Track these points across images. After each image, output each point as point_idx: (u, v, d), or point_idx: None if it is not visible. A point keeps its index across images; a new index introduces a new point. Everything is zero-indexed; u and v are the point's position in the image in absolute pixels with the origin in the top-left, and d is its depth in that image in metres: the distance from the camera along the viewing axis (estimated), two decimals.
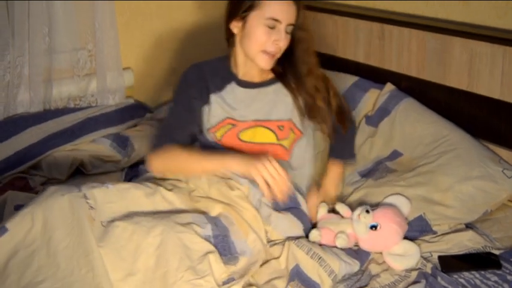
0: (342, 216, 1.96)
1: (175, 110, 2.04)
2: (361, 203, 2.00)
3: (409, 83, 2.38)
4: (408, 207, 1.95)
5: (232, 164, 1.84)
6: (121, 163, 2.51)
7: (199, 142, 2.06)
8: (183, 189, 1.91)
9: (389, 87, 2.40)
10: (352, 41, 2.62)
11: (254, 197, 1.86)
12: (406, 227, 1.89)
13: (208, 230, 1.72)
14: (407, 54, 2.36)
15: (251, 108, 2.01)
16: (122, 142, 2.57)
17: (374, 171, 2.17)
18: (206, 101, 2.01)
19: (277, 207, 1.90)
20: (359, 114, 2.42)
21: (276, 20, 1.89)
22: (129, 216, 1.72)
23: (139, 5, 2.89)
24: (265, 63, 1.94)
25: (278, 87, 2.05)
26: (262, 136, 2.00)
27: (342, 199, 2.12)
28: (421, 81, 2.33)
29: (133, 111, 2.80)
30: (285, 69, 2.03)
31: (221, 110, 2.00)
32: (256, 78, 2.04)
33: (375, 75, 2.50)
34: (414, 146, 2.16)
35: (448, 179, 1.98)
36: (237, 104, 2.01)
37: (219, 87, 2.02)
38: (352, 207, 1.97)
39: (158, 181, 1.95)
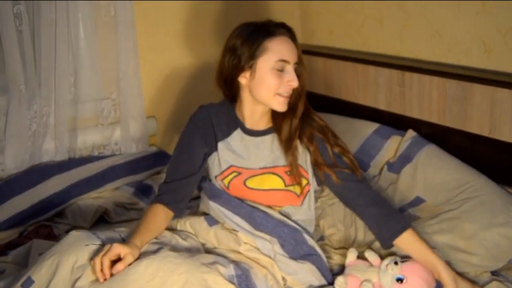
0: (371, 264, 1.94)
1: (175, 154, 2.04)
2: (391, 253, 1.97)
3: (431, 130, 2.38)
4: None
5: None
6: (144, 211, 2.52)
7: (205, 190, 2.06)
8: (196, 241, 1.94)
9: (410, 133, 2.41)
10: (373, 88, 2.64)
11: (264, 247, 1.87)
12: (433, 284, 1.84)
13: (231, 270, 1.72)
14: (428, 100, 2.37)
15: (257, 156, 1.98)
16: (145, 190, 2.60)
17: None
18: (214, 148, 2.00)
19: (295, 256, 1.89)
20: (381, 161, 2.42)
21: (285, 61, 1.87)
22: (154, 252, 1.74)
23: (163, 56, 2.95)
24: (281, 106, 1.90)
25: None
26: (270, 183, 1.97)
27: (367, 246, 2.10)
28: (443, 128, 2.33)
29: (156, 159, 2.82)
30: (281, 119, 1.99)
31: (227, 157, 1.97)
32: (261, 126, 2.01)
33: (396, 122, 2.51)
34: (437, 193, 2.15)
35: (472, 226, 1.96)
36: (243, 151, 1.98)
37: (226, 134, 2.00)
38: (381, 256, 1.95)
39: (172, 231, 1.98)
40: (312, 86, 2.98)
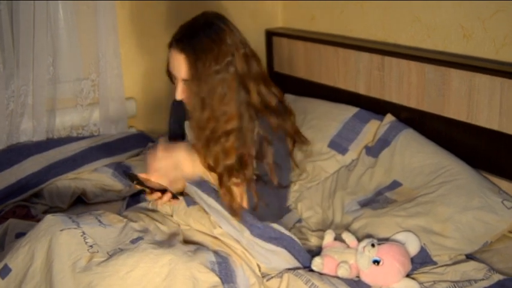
0: (348, 246, 1.95)
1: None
2: (369, 235, 1.99)
3: (409, 114, 2.40)
4: (417, 246, 1.92)
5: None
6: (122, 192, 2.52)
7: None
8: (174, 224, 1.94)
9: (389, 118, 2.42)
10: (353, 72, 2.64)
11: (232, 231, 1.85)
12: (409, 267, 1.86)
13: (212, 256, 1.72)
14: (407, 85, 2.38)
15: None
16: (123, 171, 2.58)
17: (373, 202, 2.17)
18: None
19: (265, 239, 1.84)
20: (359, 144, 2.43)
21: (172, 73, 1.88)
22: (132, 242, 1.73)
23: (142, 36, 2.93)
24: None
25: None
26: None
27: (344, 228, 2.11)
28: (421, 112, 2.35)
29: (135, 141, 2.82)
30: None
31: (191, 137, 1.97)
32: None
33: (375, 106, 2.52)
34: (414, 177, 2.16)
35: (447, 209, 1.98)
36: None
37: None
38: (359, 238, 1.96)
39: (149, 212, 1.98)
40: (293, 70, 2.99)
